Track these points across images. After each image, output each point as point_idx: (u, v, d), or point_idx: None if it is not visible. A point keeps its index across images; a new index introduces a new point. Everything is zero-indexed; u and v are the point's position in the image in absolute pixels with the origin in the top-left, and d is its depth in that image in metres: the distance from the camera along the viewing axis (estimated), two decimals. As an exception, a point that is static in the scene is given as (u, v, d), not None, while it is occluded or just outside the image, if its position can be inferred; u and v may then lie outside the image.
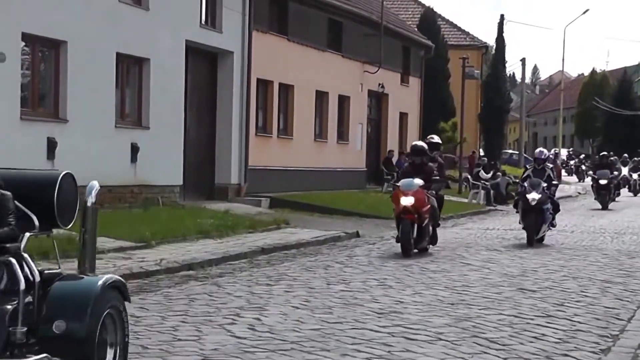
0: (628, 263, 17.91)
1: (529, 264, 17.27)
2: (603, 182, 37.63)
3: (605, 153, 43.79)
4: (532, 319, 11.32)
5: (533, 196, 20.88)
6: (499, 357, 9.27)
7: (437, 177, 19.57)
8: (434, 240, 19.29)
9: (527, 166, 23.69)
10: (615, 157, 50.81)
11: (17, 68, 20.68)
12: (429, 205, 18.49)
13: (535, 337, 10.24)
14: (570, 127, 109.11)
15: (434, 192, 19.27)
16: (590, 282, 15.00)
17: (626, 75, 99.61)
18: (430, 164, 19.40)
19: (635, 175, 51.86)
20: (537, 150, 23.47)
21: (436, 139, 22.13)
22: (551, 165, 22.43)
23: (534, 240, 20.82)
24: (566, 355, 9.46)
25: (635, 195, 50.10)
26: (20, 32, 20.62)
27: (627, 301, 13.10)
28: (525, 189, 21.25)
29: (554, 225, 22.37)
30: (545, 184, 21.26)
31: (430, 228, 18.75)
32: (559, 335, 10.39)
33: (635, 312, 12.17)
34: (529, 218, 21.01)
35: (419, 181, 18.34)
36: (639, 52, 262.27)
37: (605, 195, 37.45)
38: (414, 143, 20.81)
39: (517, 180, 24.53)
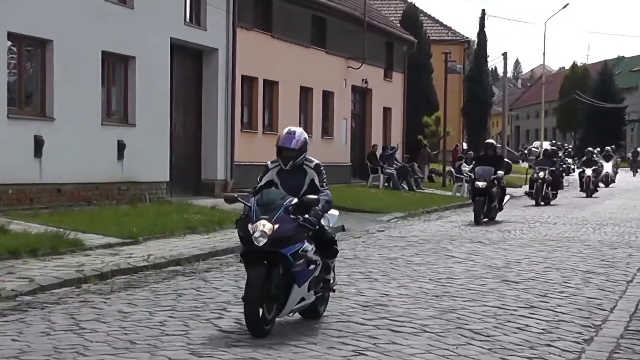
0: (610, 254, 18.07)
1: (512, 256, 17.39)
2: (480, 184, 25.80)
3: (490, 141, 29.68)
4: (515, 310, 11.46)
5: (263, 227, 9.87)
6: (483, 347, 9.39)
7: None
8: None
9: (269, 164, 10.98)
10: (531, 148, 47.59)
11: (3, 67, 20.75)
12: None
13: (519, 328, 10.38)
14: (552, 120, 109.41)
15: None
16: (573, 273, 15.14)
17: (606, 68, 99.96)
18: None
19: (588, 171, 41.64)
20: (285, 131, 10.82)
21: None
22: (315, 162, 10.72)
23: (263, 329, 9.71)
24: (549, 345, 9.59)
25: (587, 195, 40.48)
26: (6, 31, 20.69)
27: (609, 291, 13.25)
28: (250, 213, 10.12)
29: (330, 289, 11.05)
30: (293, 200, 10.22)
31: None
32: (542, 326, 10.53)
33: (617, 302, 12.33)
34: (252, 275, 9.79)
35: None
36: (619, 45, 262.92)
37: (481, 204, 25.50)
38: None
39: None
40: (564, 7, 76.07)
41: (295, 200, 10.25)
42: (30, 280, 12.90)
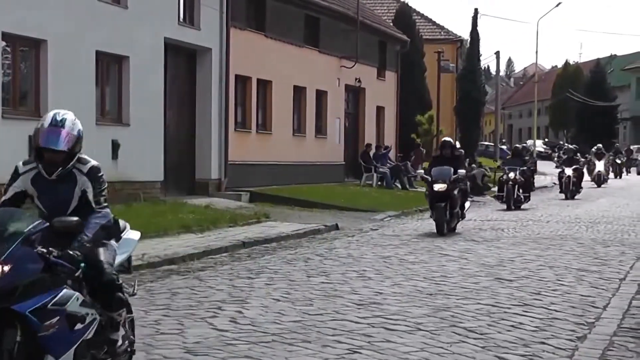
0: (603, 252, 18.09)
1: (505, 254, 17.40)
2: (439, 187, 21.49)
3: (447, 139, 23.64)
4: (509, 308, 11.50)
5: None
6: (477, 346, 9.43)
7: None
8: None
9: (21, 165, 7.24)
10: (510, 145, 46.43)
11: (-3, 67, 20.82)
12: None
13: (512, 326, 10.42)
14: (544, 118, 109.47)
15: None
16: (566, 270, 15.16)
17: (599, 67, 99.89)
18: None
19: (568, 171, 37.65)
20: (47, 120, 6.92)
21: None
22: (90, 164, 7.15)
23: None
24: (543, 343, 9.63)
25: (567, 197, 36.98)
26: (0, 31, 20.72)
27: (603, 289, 13.28)
28: None
29: (123, 353, 7.56)
30: (41, 225, 6.62)
31: None
32: (535, 324, 10.57)
33: (611, 300, 12.35)
34: None
35: None
36: (612, 43, 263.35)
37: (443, 210, 21.33)
38: None
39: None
40: (557, 5, 76.15)
41: (47, 224, 6.68)
42: (25, 280, 12.91)
